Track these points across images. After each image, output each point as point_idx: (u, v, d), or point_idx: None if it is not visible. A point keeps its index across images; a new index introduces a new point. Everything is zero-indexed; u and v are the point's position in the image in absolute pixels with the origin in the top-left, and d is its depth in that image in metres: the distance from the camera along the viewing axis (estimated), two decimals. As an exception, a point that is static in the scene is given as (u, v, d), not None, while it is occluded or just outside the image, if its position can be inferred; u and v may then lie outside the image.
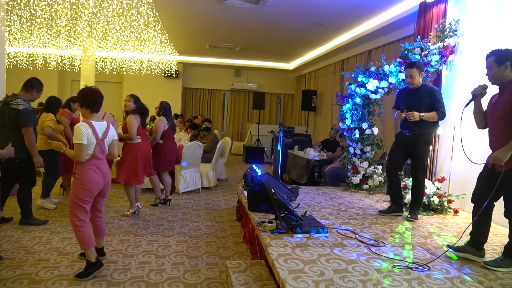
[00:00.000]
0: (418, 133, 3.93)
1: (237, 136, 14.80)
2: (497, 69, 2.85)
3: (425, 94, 3.89)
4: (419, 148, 3.95)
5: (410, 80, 3.92)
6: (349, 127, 5.46)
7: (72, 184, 3.10)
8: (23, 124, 4.02)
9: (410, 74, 3.89)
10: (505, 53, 2.84)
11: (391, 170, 4.22)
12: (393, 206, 4.19)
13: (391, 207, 4.20)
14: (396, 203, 4.19)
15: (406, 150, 4.08)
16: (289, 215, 3.26)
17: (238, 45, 10.38)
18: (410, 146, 4.00)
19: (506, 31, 4.09)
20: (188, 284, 3.06)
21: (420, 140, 3.93)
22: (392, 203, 4.24)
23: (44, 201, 5.05)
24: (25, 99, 4.12)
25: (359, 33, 7.83)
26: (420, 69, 3.90)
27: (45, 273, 3.13)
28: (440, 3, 5.12)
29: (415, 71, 3.86)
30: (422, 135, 3.93)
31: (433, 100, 3.86)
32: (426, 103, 3.87)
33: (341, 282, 2.34)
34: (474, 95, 3.04)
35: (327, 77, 11.28)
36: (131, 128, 4.65)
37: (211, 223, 4.83)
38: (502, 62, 2.82)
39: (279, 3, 6.45)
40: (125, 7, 6.15)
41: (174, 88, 13.84)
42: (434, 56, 4.81)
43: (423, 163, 4.03)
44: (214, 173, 7.06)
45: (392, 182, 4.23)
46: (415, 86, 3.94)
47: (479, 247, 2.96)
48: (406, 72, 3.94)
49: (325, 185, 6.07)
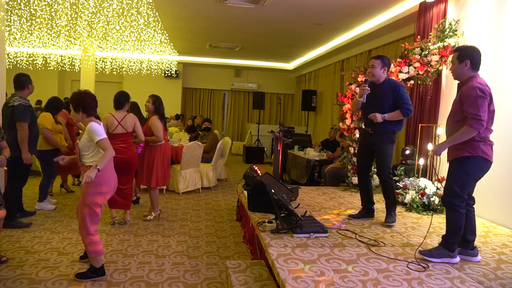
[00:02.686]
0: (381, 132, 3.72)
1: (237, 136, 14.80)
2: (458, 66, 2.87)
3: (388, 89, 3.71)
4: (382, 146, 3.75)
5: (370, 71, 3.74)
6: (349, 127, 5.46)
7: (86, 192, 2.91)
8: (17, 119, 4.00)
9: (372, 65, 3.72)
10: (467, 51, 2.85)
11: (358, 170, 4.05)
12: (363, 210, 3.98)
13: (361, 212, 3.98)
14: (366, 207, 3.97)
15: (370, 149, 3.88)
16: (289, 215, 3.26)
17: (238, 45, 10.38)
18: (373, 144, 3.81)
19: (506, 31, 4.09)
20: (188, 284, 3.06)
21: (384, 139, 3.74)
22: (362, 207, 4.02)
23: (42, 204, 5.01)
24: (21, 96, 4.12)
25: (359, 33, 7.83)
26: (385, 64, 3.71)
27: (45, 273, 3.13)
28: (440, 3, 5.12)
29: (378, 63, 3.69)
30: (386, 133, 3.73)
31: (397, 96, 3.66)
32: (389, 99, 3.69)
33: (341, 282, 2.34)
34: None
35: (327, 77, 11.28)
36: (157, 130, 4.52)
37: (211, 223, 4.83)
38: (462, 60, 2.83)
39: (279, 3, 6.45)
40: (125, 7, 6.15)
41: (174, 88, 13.84)
42: (434, 56, 4.81)
43: (387, 162, 3.79)
44: (214, 173, 7.06)
45: (360, 184, 4.03)
46: (376, 79, 3.75)
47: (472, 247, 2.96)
48: (370, 62, 3.79)
49: (325, 185, 6.07)
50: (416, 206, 4.32)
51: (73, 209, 5.11)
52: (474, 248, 2.95)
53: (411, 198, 4.36)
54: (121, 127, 4.28)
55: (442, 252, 2.81)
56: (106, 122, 4.21)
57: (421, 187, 4.49)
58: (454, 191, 2.80)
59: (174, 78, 13.61)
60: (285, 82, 14.87)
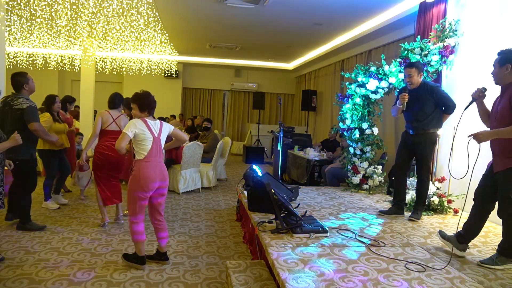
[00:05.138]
0: (422, 132, 3.93)
1: (237, 136, 14.80)
2: (498, 70, 2.84)
3: (425, 93, 3.89)
4: (423, 147, 3.95)
5: (409, 80, 3.94)
6: (349, 127, 5.46)
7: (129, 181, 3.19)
8: (30, 121, 3.94)
9: (408, 74, 3.92)
10: (508, 55, 2.80)
11: (397, 169, 4.23)
12: (394, 207, 4.18)
13: (392, 208, 4.19)
14: (397, 204, 4.17)
15: (411, 150, 4.08)
16: (289, 215, 3.26)
17: (238, 45, 10.38)
18: (414, 145, 4.00)
19: (506, 31, 4.08)
20: (188, 284, 3.06)
21: (425, 139, 3.94)
22: (393, 204, 4.23)
23: (47, 203, 5.06)
24: (27, 97, 4.08)
25: (359, 33, 7.83)
26: (419, 69, 3.92)
27: (45, 273, 3.13)
28: (440, 3, 5.12)
29: (414, 71, 3.89)
30: (426, 133, 3.93)
31: (438, 97, 3.88)
32: (429, 102, 3.89)
33: (341, 282, 2.34)
34: (473, 99, 3.07)
35: (327, 77, 11.28)
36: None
37: (211, 223, 4.83)
38: (503, 63, 2.79)
39: (279, 3, 6.45)
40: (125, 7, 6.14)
41: (174, 88, 13.84)
42: (434, 56, 4.81)
43: (427, 163, 4.02)
44: (214, 173, 7.06)
45: (397, 182, 4.22)
46: (415, 86, 3.95)
47: (462, 241, 2.98)
48: (405, 72, 3.97)
49: (325, 185, 6.07)
50: (416, 206, 4.33)
51: (73, 209, 5.12)
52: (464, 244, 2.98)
53: (411, 198, 4.36)
54: (115, 124, 4.37)
55: (504, 259, 2.78)
56: (102, 116, 4.33)
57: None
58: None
59: (174, 78, 13.61)
60: (285, 82, 14.87)
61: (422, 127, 3.92)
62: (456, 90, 4.77)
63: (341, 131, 5.67)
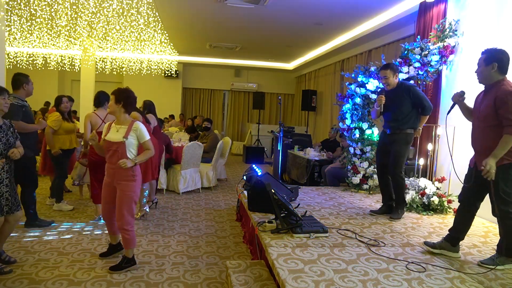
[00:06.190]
0: (398, 132, 3.96)
1: (237, 136, 14.80)
2: (484, 68, 2.84)
3: (402, 93, 3.93)
4: (398, 145, 3.96)
5: (385, 81, 3.99)
6: (349, 127, 5.45)
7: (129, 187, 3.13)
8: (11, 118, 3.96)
9: (384, 76, 3.96)
10: (494, 53, 2.81)
11: (378, 169, 4.29)
12: (383, 207, 4.21)
13: (382, 208, 4.22)
14: (386, 204, 4.19)
15: (387, 148, 4.10)
16: (289, 215, 3.26)
17: (238, 45, 10.38)
18: (390, 143, 4.03)
19: (506, 31, 4.09)
20: (188, 284, 3.06)
21: (400, 138, 3.96)
22: (382, 204, 4.26)
23: (60, 204, 5.06)
24: (16, 96, 4.07)
25: (359, 33, 7.83)
26: (395, 70, 3.96)
27: (45, 273, 3.14)
28: (440, 3, 5.12)
29: (389, 72, 3.93)
30: (402, 133, 3.95)
31: (414, 96, 3.91)
32: (406, 101, 3.92)
33: (341, 282, 2.34)
34: (454, 103, 3.14)
35: (327, 77, 11.28)
36: None
37: (211, 223, 4.83)
38: (489, 62, 2.80)
39: (279, 3, 6.45)
40: (125, 7, 6.14)
41: (174, 88, 13.84)
42: (434, 56, 4.81)
43: (399, 161, 3.97)
44: (214, 173, 7.05)
45: (381, 182, 4.26)
46: (391, 87, 3.99)
47: (455, 243, 2.98)
48: (381, 74, 4.01)
49: (325, 185, 6.07)
50: (416, 206, 4.33)
51: (73, 209, 5.11)
52: (457, 245, 2.99)
53: (411, 198, 4.36)
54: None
55: (504, 259, 2.78)
56: (90, 119, 4.36)
57: (421, 187, 4.49)
58: (505, 200, 2.72)
59: (174, 78, 13.61)
60: (285, 82, 14.88)
61: (398, 126, 3.95)
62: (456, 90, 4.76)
63: (341, 131, 5.67)
